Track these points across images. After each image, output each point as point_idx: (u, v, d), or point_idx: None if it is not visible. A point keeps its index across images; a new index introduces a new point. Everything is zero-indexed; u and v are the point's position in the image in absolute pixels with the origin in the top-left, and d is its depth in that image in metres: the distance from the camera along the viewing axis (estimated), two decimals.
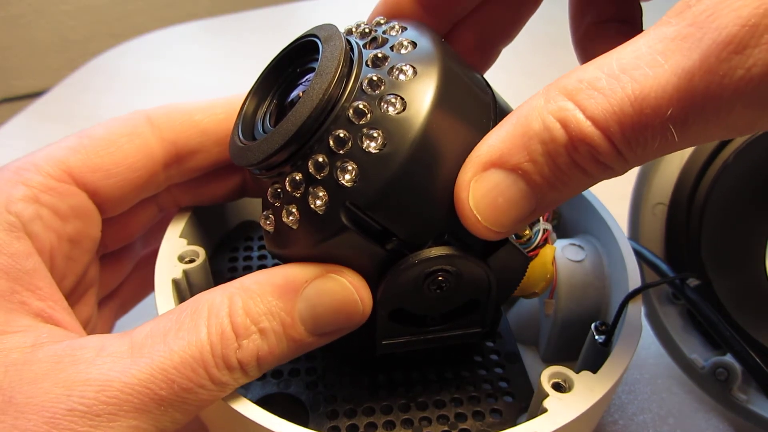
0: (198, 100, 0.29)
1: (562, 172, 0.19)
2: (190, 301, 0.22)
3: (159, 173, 0.28)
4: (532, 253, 0.25)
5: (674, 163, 0.37)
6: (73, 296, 0.27)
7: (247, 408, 0.22)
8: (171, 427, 0.21)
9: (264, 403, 0.26)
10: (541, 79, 0.31)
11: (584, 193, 0.32)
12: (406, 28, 0.23)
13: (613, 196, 0.36)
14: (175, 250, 0.28)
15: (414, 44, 0.22)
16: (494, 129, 0.20)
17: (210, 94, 0.29)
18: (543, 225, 0.25)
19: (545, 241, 0.26)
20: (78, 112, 0.63)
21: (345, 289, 0.22)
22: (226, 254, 0.33)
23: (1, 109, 1.20)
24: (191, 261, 0.27)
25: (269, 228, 0.23)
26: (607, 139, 0.18)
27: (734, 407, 0.34)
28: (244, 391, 0.26)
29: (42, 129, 0.60)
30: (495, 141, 0.20)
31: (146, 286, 0.35)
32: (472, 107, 0.22)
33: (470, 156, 0.20)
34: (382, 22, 0.24)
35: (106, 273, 0.31)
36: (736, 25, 0.16)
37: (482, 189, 0.20)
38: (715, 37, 0.16)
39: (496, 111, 0.23)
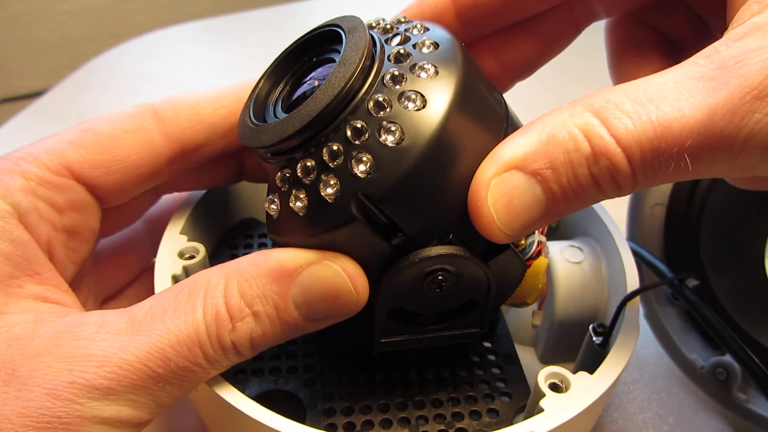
0: (204, 90, 0.28)
1: (579, 184, 0.20)
2: (189, 280, 0.22)
3: (163, 169, 0.28)
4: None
5: None
6: (72, 284, 0.27)
7: (245, 404, 0.22)
8: (169, 402, 0.21)
9: (262, 399, 0.26)
10: (542, 80, 0.31)
11: None
12: (428, 29, 0.23)
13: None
14: (175, 247, 0.28)
15: (436, 45, 0.22)
16: (517, 134, 0.21)
17: None
18: (538, 237, 0.25)
19: (539, 253, 0.26)
20: (78, 112, 0.63)
21: (338, 277, 0.22)
22: (226, 251, 0.33)
23: (1, 109, 1.20)
24: (191, 257, 0.28)
25: (273, 213, 0.23)
26: (627, 158, 0.19)
27: (734, 407, 0.34)
28: (242, 387, 0.26)
29: (42, 129, 0.60)
30: (518, 145, 0.20)
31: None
32: (488, 113, 0.22)
33: (491, 156, 0.21)
34: (403, 20, 0.24)
35: (110, 269, 0.31)
36: (762, 74, 0.18)
37: (502, 189, 0.20)
38: (742, 81, 0.18)
39: (508, 120, 0.23)
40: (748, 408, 0.33)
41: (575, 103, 0.20)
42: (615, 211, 0.32)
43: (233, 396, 0.22)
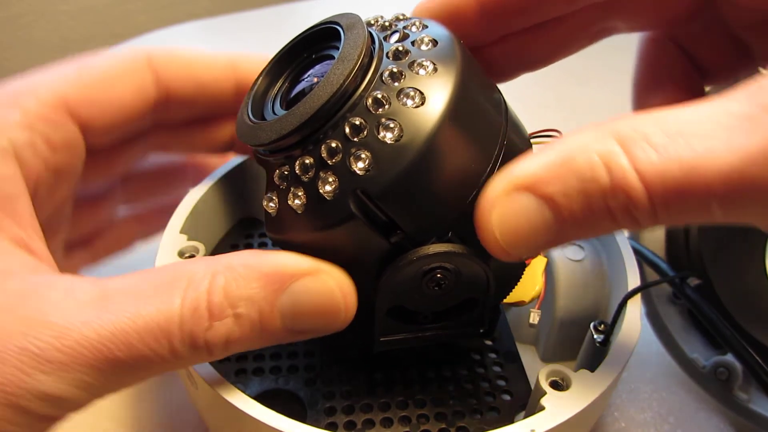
0: (201, 50, 0.28)
1: (592, 214, 0.18)
2: (173, 267, 0.21)
3: (148, 114, 0.28)
4: None
5: None
6: (46, 231, 0.26)
7: (246, 404, 0.22)
8: (118, 388, 0.20)
9: (262, 398, 0.26)
10: (542, 79, 0.31)
11: None
12: (426, 26, 0.23)
13: None
14: (175, 246, 0.28)
15: (435, 42, 0.22)
16: (534, 154, 0.20)
17: None
18: None
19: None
20: None
21: (332, 294, 0.21)
22: (227, 250, 0.33)
23: None
24: (191, 256, 0.27)
25: (272, 211, 0.22)
26: (648, 196, 0.17)
27: (735, 407, 0.34)
28: (242, 386, 0.26)
29: None
30: (533, 164, 0.19)
31: (121, 244, 0.34)
32: (487, 110, 0.22)
33: (504, 173, 0.20)
34: (402, 17, 0.24)
35: (81, 216, 0.31)
36: None
37: (509, 209, 0.19)
38: None
39: (507, 117, 0.23)
40: (749, 408, 0.33)
41: (601, 126, 0.19)
42: None
43: (234, 395, 0.22)
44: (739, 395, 0.34)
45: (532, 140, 0.25)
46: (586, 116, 0.64)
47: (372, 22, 0.24)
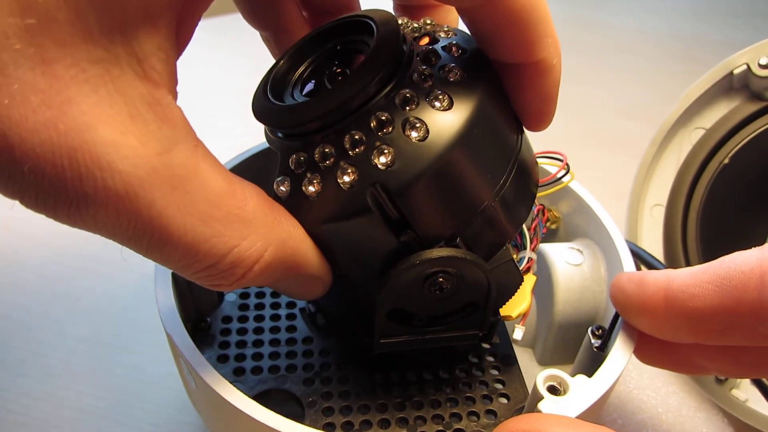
0: None
1: None
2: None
3: None
4: None
5: (671, 164, 0.37)
6: None
7: (244, 403, 0.22)
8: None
9: (260, 398, 0.26)
10: None
11: (584, 196, 0.32)
12: (456, 34, 0.23)
13: (611, 198, 0.36)
14: None
15: (464, 50, 0.22)
16: None
17: (210, 94, 0.28)
18: (528, 254, 0.25)
19: (528, 270, 0.26)
20: None
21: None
22: None
23: None
24: None
25: (282, 195, 0.22)
26: None
27: (733, 406, 0.34)
28: (241, 386, 0.27)
29: None
30: None
31: None
32: (507, 120, 0.23)
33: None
34: (429, 22, 0.24)
35: None
36: None
37: None
38: None
39: (522, 130, 0.24)
40: (747, 407, 0.34)
41: None
42: (614, 211, 0.32)
43: (232, 395, 0.22)
44: (737, 395, 0.34)
45: (537, 159, 0.25)
46: (586, 116, 0.64)
47: (401, 23, 0.24)
